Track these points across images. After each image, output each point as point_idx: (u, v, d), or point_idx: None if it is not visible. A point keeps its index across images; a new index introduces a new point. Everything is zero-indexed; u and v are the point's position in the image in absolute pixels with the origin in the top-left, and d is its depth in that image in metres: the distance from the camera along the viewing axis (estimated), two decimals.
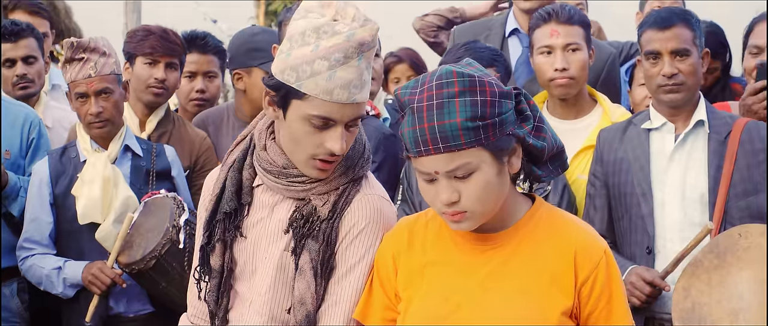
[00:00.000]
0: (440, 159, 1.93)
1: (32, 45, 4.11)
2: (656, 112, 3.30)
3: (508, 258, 2.04)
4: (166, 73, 3.86)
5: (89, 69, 3.52)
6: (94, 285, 3.45)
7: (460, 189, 1.95)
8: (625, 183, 3.27)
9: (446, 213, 1.99)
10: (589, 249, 2.02)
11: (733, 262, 3.02)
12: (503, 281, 2.02)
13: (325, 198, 2.22)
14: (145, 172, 3.65)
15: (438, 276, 2.08)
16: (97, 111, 3.52)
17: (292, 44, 2.14)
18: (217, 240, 2.29)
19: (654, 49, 3.24)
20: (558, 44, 3.52)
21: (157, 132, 3.89)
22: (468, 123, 1.90)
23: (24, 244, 3.62)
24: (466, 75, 1.93)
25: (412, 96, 1.96)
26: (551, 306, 1.98)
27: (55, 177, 3.60)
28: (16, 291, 3.78)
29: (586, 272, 1.99)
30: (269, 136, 2.27)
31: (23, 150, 3.86)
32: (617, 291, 2.02)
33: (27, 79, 4.09)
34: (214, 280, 2.30)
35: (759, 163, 3.19)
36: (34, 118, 3.91)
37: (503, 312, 1.99)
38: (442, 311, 2.04)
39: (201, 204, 2.42)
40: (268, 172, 2.25)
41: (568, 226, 2.06)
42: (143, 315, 3.62)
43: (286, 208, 2.27)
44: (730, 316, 2.98)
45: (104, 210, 3.51)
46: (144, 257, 3.36)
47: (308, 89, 2.10)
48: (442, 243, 2.11)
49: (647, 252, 3.19)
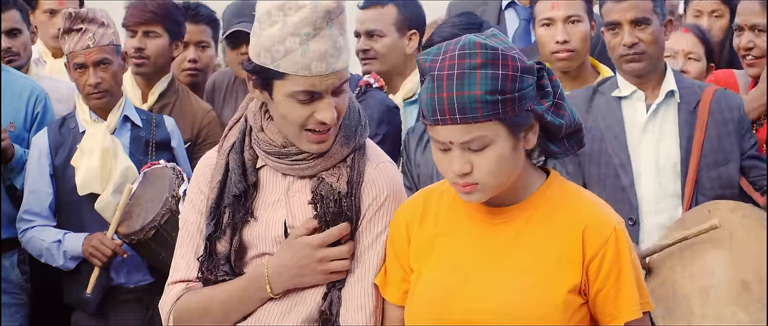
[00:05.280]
0: (456, 129, 1.91)
1: (15, 17, 4.03)
2: (624, 80, 3.31)
3: (518, 232, 2.03)
4: (143, 41, 3.84)
5: (87, 40, 3.51)
6: (95, 256, 3.46)
7: (473, 161, 1.94)
8: (599, 151, 3.25)
9: (457, 184, 1.97)
10: (599, 225, 1.99)
11: (705, 238, 3.03)
12: (512, 255, 2.01)
13: (337, 173, 2.19)
14: (144, 143, 3.65)
15: (449, 247, 2.08)
16: (95, 81, 3.52)
17: (261, 25, 2.10)
18: (226, 225, 2.22)
19: (613, 19, 3.26)
20: (559, 16, 3.53)
21: (160, 103, 3.89)
22: (487, 96, 1.88)
23: (24, 216, 3.62)
24: (490, 47, 1.91)
25: (434, 63, 1.93)
26: (557, 283, 1.97)
27: (55, 149, 3.59)
28: (17, 263, 3.77)
29: (594, 249, 1.97)
30: (265, 116, 2.23)
31: (27, 123, 3.83)
32: (627, 269, 1.99)
33: (12, 53, 4.03)
34: (224, 266, 2.23)
35: (728, 132, 3.21)
36: (41, 92, 3.89)
37: (510, 288, 1.98)
38: (450, 283, 2.03)
39: (193, 193, 2.30)
40: (269, 154, 2.21)
41: (579, 202, 2.05)
42: (144, 286, 3.63)
43: (301, 189, 2.23)
44: (701, 293, 3.00)
45: (103, 181, 3.51)
46: (143, 227, 3.36)
47: (286, 68, 2.07)
48: (454, 214, 2.10)
49: (631, 224, 3.19)
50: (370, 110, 3.57)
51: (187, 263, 2.26)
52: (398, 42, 3.91)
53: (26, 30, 4.10)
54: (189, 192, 2.33)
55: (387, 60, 3.91)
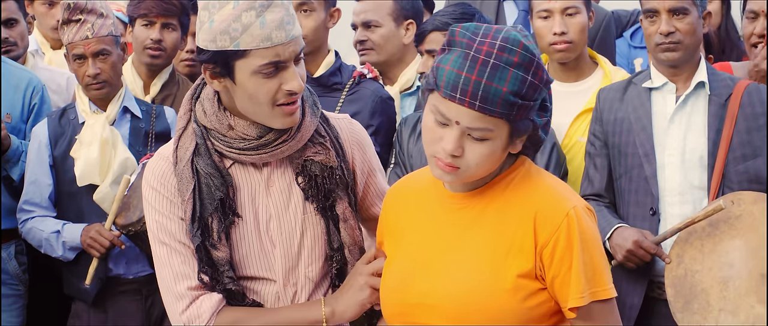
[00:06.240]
0: (468, 113, 1.92)
1: (11, 7, 4.03)
2: (657, 71, 3.31)
3: (476, 217, 2.06)
4: (162, 33, 3.84)
5: (86, 30, 3.51)
6: (93, 247, 3.46)
7: (466, 147, 1.96)
8: (626, 143, 3.27)
9: (439, 160, 1.99)
10: (551, 211, 2.00)
11: (726, 230, 3.04)
12: (469, 239, 2.05)
13: (321, 150, 2.25)
14: (144, 134, 3.65)
15: (415, 232, 2.13)
16: (94, 72, 3.52)
17: (210, 12, 2.11)
18: (219, 231, 2.21)
19: (652, 7, 3.25)
20: (556, 8, 3.52)
21: (161, 94, 3.89)
22: (510, 96, 1.91)
23: (24, 206, 3.62)
24: (530, 52, 1.93)
25: (471, 41, 1.93)
26: (507, 267, 1.99)
27: (54, 140, 3.60)
28: (14, 254, 3.78)
29: (545, 235, 1.99)
30: (225, 113, 2.20)
31: (24, 114, 3.84)
32: (577, 256, 1.98)
33: (9, 43, 4.03)
34: (229, 272, 2.23)
35: (759, 126, 3.20)
36: (37, 83, 3.89)
37: (463, 271, 2.02)
38: (411, 267, 2.09)
39: (160, 203, 2.24)
40: (244, 150, 2.19)
41: (537, 188, 2.06)
42: (142, 277, 3.63)
43: (281, 176, 2.26)
44: (720, 284, 3.01)
45: (102, 172, 3.51)
46: (140, 219, 3.35)
47: (246, 44, 2.08)
48: (424, 200, 2.15)
49: (651, 214, 3.20)
50: (364, 101, 3.58)
51: (192, 269, 2.23)
52: (395, 32, 3.91)
53: (23, 20, 4.10)
54: (154, 202, 2.27)
55: (384, 50, 3.92)
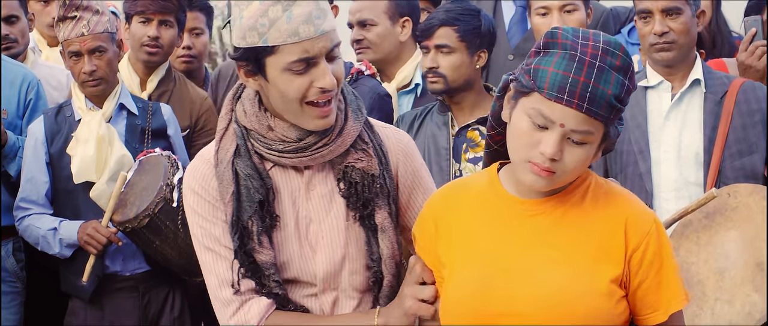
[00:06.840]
0: (575, 116, 1.89)
1: (13, 4, 4.03)
2: (653, 70, 3.31)
3: (554, 224, 2.02)
4: (159, 30, 3.83)
5: (82, 27, 3.50)
6: (90, 244, 3.46)
7: (565, 151, 1.93)
8: (622, 141, 3.27)
9: (536, 164, 1.94)
10: (640, 217, 2.01)
11: (722, 222, 3.04)
12: (550, 247, 2.00)
13: (364, 157, 2.19)
14: (140, 131, 3.65)
15: (482, 241, 2.06)
16: (90, 69, 3.51)
17: (240, 8, 2.08)
18: (260, 234, 2.16)
19: (645, 7, 3.25)
20: (555, 5, 3.52)
21: (158, 91, 3.89)
22: (613, 99, 1.90)
23: (20, 204, 3.62)
24: (629, 57, 1.93)
25: (575, 43, 1.91)
26: (600, 272, 1.97)
27: (51, 137, 3.59)
28: (12, 251, 3.78)
29: (636, 240, 1.98)
30: (265, 114, 2.17)
31: (20, 110, 3.83)
32: (668, 262, 2.00)
33: (10, 39, 4.03)
34: (275, 276, 2.18)
35: (754, 123, 3.20)
36: (33, 79, 3.88)
37: (552, 277, 1.97)
38: (486, 275, 2.01)
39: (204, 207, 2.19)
40: (284, 153, 2.15)
41: (618, 196, 2.06)
42: (139, 274, 3.63)
43: (322, 181, 2.21)
44: (715, 275, 3.01)
45: (99, 169, 3.51)
46: (137, 215, 3.36)
47: (274, 40, 2.04)
48: (488, 205, 2.08)
49: None
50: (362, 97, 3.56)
51: (238, 274, 2.19)
52: (391, 30, 3.90)
53: (24, 17, 4.10)
54: (197, 207, 2.21)
55: (380, 49, 3.91)
